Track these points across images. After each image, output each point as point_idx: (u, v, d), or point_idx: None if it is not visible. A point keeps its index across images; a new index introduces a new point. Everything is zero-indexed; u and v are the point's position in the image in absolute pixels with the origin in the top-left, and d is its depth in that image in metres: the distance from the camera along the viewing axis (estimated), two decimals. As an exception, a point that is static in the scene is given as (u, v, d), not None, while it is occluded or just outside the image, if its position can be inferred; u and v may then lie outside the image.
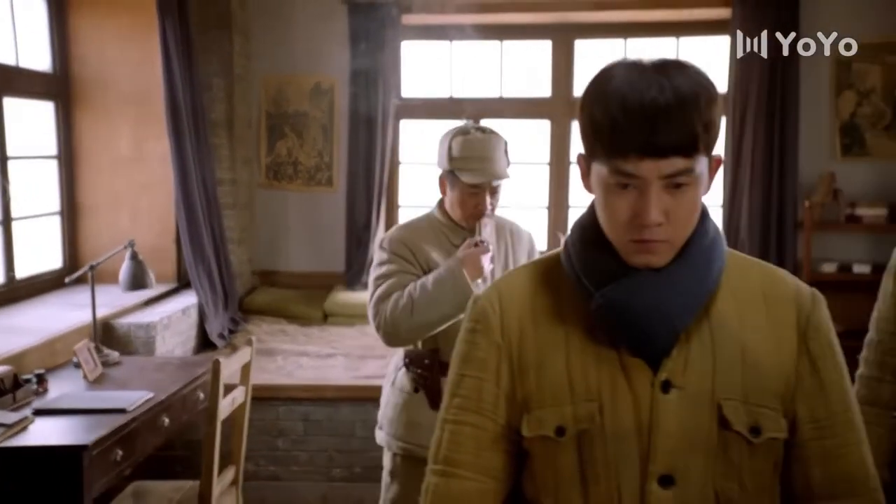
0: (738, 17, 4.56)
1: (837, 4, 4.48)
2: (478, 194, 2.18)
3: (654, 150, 0.96)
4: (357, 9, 4.74)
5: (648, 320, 1.01)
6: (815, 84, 4.58)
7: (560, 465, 1.06)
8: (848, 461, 1.07)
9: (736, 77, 4.63)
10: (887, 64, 4.42)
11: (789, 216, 4.64)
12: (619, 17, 4.94)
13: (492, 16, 4.96)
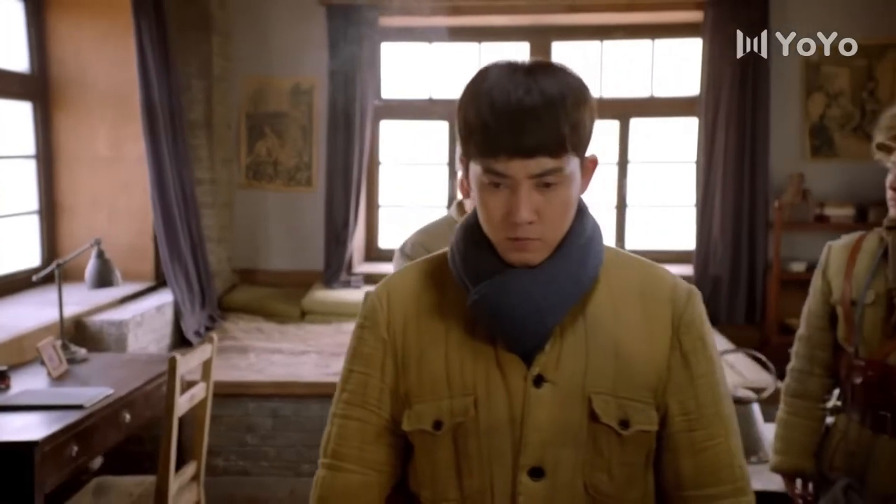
0: (709, 21, 4.56)
1: (806, 9, 4.47)
2: None
3: (521, 150, 0.96)
4: (335, 11, 4.74)
5: (521, 316, 1.01)
6: (785, 87, 4.58)
7: (437, 458, 1.07)
8: (715, 453, 1.08)
9: (708, 79, 4.63)
10: (854, 66, 4.41)
11: (760, 216, 4.63)
12: (596, 19, 4.93)
13: (470, 18, 4.96)
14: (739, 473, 1.08)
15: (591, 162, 1.06)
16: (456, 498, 1.06)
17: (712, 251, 4.73)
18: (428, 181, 5.24)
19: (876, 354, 1.86)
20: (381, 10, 4.77)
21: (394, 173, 5.30)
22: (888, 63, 4.38)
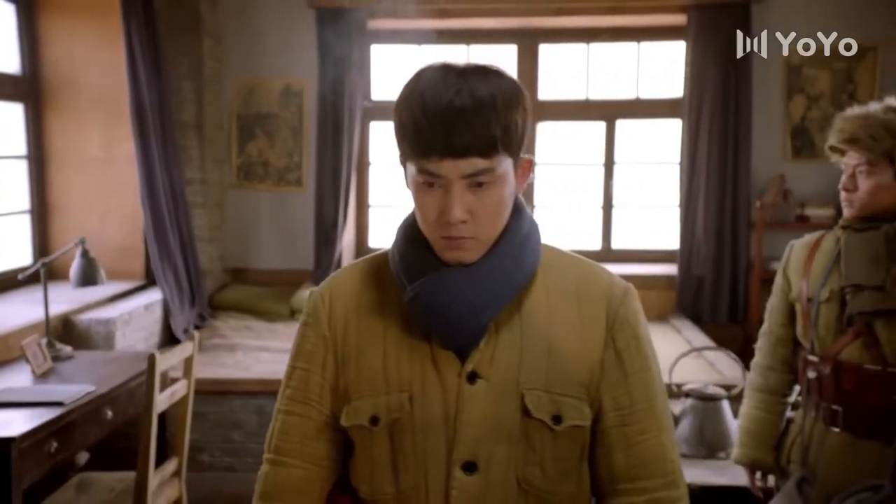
0: (693, 24, 4.57)
1: (788, 13, 4.48)
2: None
3: (452, 150, 0.97)
4: (325, 13, 4.74)
5: (454, 314, 1.02)
6: (767, 88, 4.59)
7: (374, 453, 1.08)
8: (647, 447, 1.09)
9: (691, 81, 4.64)
10: (835, 69, 4.42)
11: (743, 216, 4.65)
12: (582, 22, 4.94)
13: (458, 21, 4.97)
14: (671, 467, 1.10)
15: (526, 162, 1.08)
16: (392, 493, 1.07)
17: (696, 251, 4.74)
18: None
19: (829, 350, 1.88)
20: (370, 13, 4.78)
21: (383, 174, 5.31)
22: (867, 66, 4.39)
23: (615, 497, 1.10)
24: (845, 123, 1.91)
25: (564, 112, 5.14)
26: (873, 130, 1.85)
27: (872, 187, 1.86)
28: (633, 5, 4.67)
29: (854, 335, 1.85)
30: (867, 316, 1.83)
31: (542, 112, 5.10)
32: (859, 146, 1.85)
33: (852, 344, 1.86)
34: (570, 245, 5.09)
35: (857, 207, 1.88)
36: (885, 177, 1.86)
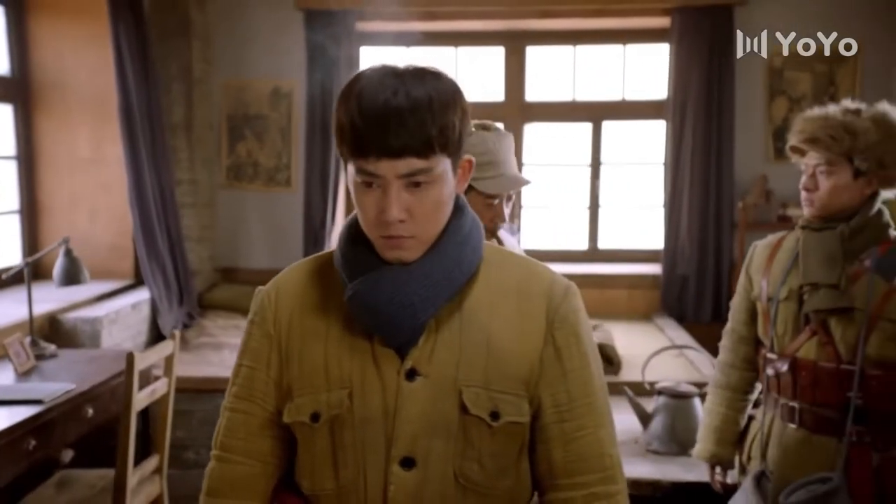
0: (676, 27, 4.57)
1: (769, 17, 4.48)
2: (496, 205, 1.86)
3: (389, 150, 0.97)
4: (313, 16, 4.74)
5: (392, 311, 1.02)
6: (749, 91, 4.60)
7: (315, 449, 1.08)
8: (585, 443, 1.09)
9: (675, 83, 4.64)
10: (816, 72, 4.43)
11: (726, 216, 4.65)
12: (568, 25, 4.95)
13: (446, 23, 4.97)
14: (609, 462, 1.10)
15: (466, 162, 1.08)
16: (332, 488, 1.07)
17: (680, 251, 4.74)
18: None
19: (787, 348, 1.90)
20: (359, 16, 4.78)
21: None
22: (847, 69, 4.39)
23: (554, 492, 1.10)
24: (805, 124, 1.92)
25: (551, 113, 5.15)
26: (833, 131, 1.86)
27: (832, 187, 1.87)
28: (617, 8, 4.68)
29: (810, 333, 1.87)
30: (822, 314, 1.84)
31: (529, 113, 5.11)
32: (819, 146, 1.86)
33: (808, 342, 1.87)
34: (557, 245, 5.14)
35: (817, 207, 1.89)
36: (843, 177, 1.86)
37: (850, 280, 1.84)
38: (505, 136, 1.87)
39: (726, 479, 2.08)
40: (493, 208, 1.86)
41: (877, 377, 1.81)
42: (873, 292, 1.81)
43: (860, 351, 1.81)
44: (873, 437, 1.82)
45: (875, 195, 1.88)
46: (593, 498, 1.08)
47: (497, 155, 1.82)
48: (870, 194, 1.87)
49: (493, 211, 1.86)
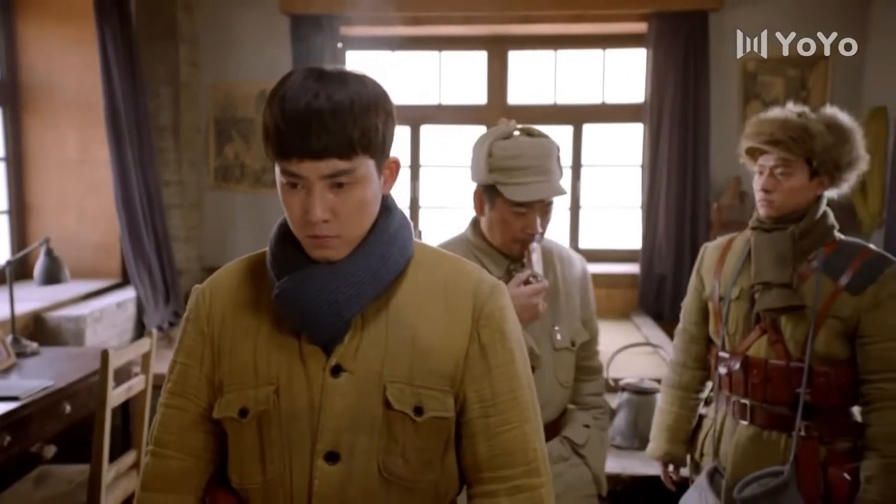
0: (653, 32, 4.58)
1: (742, 22, 4.49)
2: (526, 215, 1.66)
3: (311, 152, 0.98)
4: (298, 21, 4.75)
5: (317, 309, 1.03)
6: (724, 94, 4.61)
7: (244, 444, 1.09)
8: (510, 437, 1.10)
9: (652, 87, 4.65)
10: (788, 77, 4.45)
11: (702, 217, 4.67)
12: (549, 30, 4.96)
13: (430, 28, 4.98)
14: (533, 456, 1.11)
15: (392, 163, 1.09)
16: (260, 482, 1.08)
17: (657, 251, 4.75)
18: (390, 183, 5.26)
19: (738, 347, 1.91)
20: (343, 20, 4.79)
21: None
22: (819, 74, 4.41)
23: (479, 485, 1.11)
24: (764, 126, 1.92)
25: (533, 116, 5.14)
26: (794, 133, 1.87)
27: (790, 188, 1.88)
28: (596, 14, 4.69)
29: (760, 332, 1.88)
30: (774, 312, 1.85)
31: (511, 116, 5.06)
32: (781, 147, 1.86)
33: (758, 340, 1.88)
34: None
35: (775, 208, 1.90)
36: (801, 178, 1.88)
37: (799, 280, 1.85)
38: (545, 144, 1.68)
39: (679, 475, 2.10)
40: (522, 217, 1.66)
41: (824, 373, 1.82)
42: (821, 291, 1.82)
43: (809, 348, 1.82)
44: (820, 432, 1.84)
45: (821, 197, 1.90)
46: (516, 490, 1.09)
47: (529, 161, 1.64)
48: (817, 196, 1.89)
49: (523, 220, 1.67)
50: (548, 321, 1.75)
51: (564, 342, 1.78)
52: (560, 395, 1.78)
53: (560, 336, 1.77)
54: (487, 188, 1.70)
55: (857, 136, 1.88)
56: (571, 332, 1.80)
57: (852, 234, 4.42)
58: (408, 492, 1.08)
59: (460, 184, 5.24)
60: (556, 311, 1.78)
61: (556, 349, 1.76)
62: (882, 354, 1.80)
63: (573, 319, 1.81)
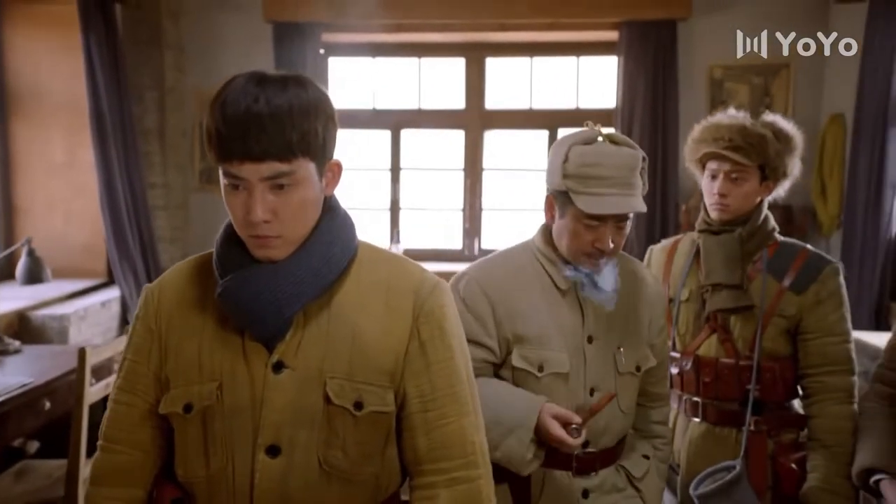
0: (624, 40, 4.61)
1: (709, 31, 4.54)
2: (598, 228, 1.50)
3: (251, 154, 1.00)
4: (281, 28, 4.74)
5: (258, 307, 1.04)
6: (692, 100, 4.64)
7: (188, 439, 1.10)
8: (448, 430, 1.11)
9: (623, 93, 4.68)
10: (753, 84, 4.48)
11: (671, 218, 4.70)
12: (525, 37, 4.97)
13: (410, 35, 4.99)
14: (471, 449, 1.12)
15: (335, 165, 1.10)
16: (203, 475, 1.09)
17: (628, 251, 4.76)
18: (371, 185, 5.27)
19: (689, 347, 1.93)
20: (325, 28, 4.79)
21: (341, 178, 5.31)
22: (781, 81, 4.45)
23: (419, 477, 1.13)
24: (723, 132, 1.94)
25: (510, 121, 5.18)
26: (752, 139, 1.89)
27: (745, 193, 1.90)
28: (569, 22, 4.71)
29: (710, 331, 1.90)
30: (726, 313, 1.88)
31: (488, 121, 5.14)
32: (741, 154, 1.89)
33: (709, 339, 1.90)
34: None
35: (731, 212, 1.92)
36: (753, 183, 1.91)
37: (747, 280, 1.88)
38: (629, 155, 1.50)
39: None
40: (593, 231, 1.50)
41: (770, 369, 1.85)
42: (767, 292, 1.85)
43: (758, 346, 1.85)
44: (768, 426, 1.87)
45: (763, 200, 1.93)
46: (454, 482, 1.10)
47: (608, 171, 1.47)
48: (761, 200, 1.92)
49: (595, 234, 1.50)
50: (613, 342, 1.59)
51: (629, 366, 1.61)
52: (621, 423, 1.62)
53: (625, 360, 1.59)
54: (560, 194, 1.54)
55: (799, 143, 1.92)
56: (637, 356, 1.63)
57: (814, 235, 4.53)
58: (348, 484, 1.09)
59: (440, 186, 5.27)
60: (623, 333, 1.61)
61: (620, 373, 1.60)
62: (822, 349, 1.83)
63: (640, 343, 1.64)
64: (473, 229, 5.21)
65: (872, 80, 3.68)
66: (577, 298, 1.58)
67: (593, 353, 1.57)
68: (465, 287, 1.57)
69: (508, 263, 1.62)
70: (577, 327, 1.57)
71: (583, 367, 1.56)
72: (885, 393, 1.77)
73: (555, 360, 1.54)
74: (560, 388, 1.54)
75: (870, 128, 3.71)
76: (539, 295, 1.57)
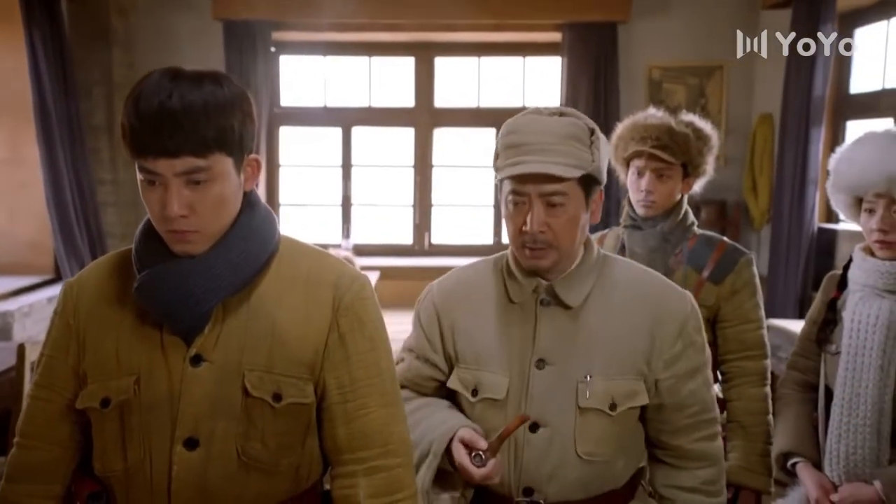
0: (567, 42, 4.66)
1: (648, 33, 4.61)
2: (523, 207, 1.25)
3: (165, 150, 0.98)
4: (231, 26, 4.66)
5: (175, 301, 1.03)
6: (632, 100, 4.69)
7: (106, 433, 1.08)
8: (367, 420, 1.11)
9: (566, 93, 4.73)
10: (689, 84, 4.57)
11: (613, 214, 4.75)
12: (472, 37, 4.99)
13: (360, 34, 4.96)
14: (391, 438, 1.12)
15: (253, 160, 1.09)
16: (121, 469, 1.07)
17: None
18: (323, 182, 5.24)
19: None
20: (276, 26, 4.74)
21: (294, 175, 5.27)
22: (715, 82, 4.54)
23: (339, 466, 1.12)
24: (651, 131, 1.96)
25: (458, 119, 5.19)
26: (678, 138, 1.92)
27: (669, 190, 1.94)
28: (514, 23, 4.74)
29: None
30: None
31: (437, 119, 5.15)
32: (668, 152, 1.92)
33: None
34: (466, 240, 5.19)
35: (656, 208, 1.95)
36: (677, 180, 1.94)
37: (669, 273, 1.91)
38: (554, 122, 1.29)
39: None
40: (520, 212, 1.26)
41: None
42: (687, 283, 1.89)
43: None
44: None
45: (684, 196, 1.97)
46: (373, 471, 1.10)
47: (525, 137, 1.26)
48: (682, 196, 1.96)
49: (521, 216, 1.26)
50: (578, 369, 1.26)
51: (597, 401, 1.26)
52: (578, 471, 1.26)
53: (590, 392, 1.26)
54: (500, 184, 1.31)
55: (716, 142, 1.96)
56: (615, 390, 1.26)
57: (745, 228, 4.63)
58: (268, 475, 1.08)
59: (391, 183, 5.25)
60: (599, 359, 1.27)
61: (581, 408, 1.26)
62: (739, 336, 1.88)
63: (624, 374, 1.28)
64: (424, 225, 5.21)
65: (796, 82, 3.78)
66: (533, 314, 1.28)
67: (542, 379, 1.26)
68: (422, 299, 1.40)
69: (468, 274, 1.38)
70: (527, 348, 1.27)
71: (524, 396, 1.26)
72: (799, 379, 1.82)
73: (490, 384, 1.27)
74: (495, 417, 1.26)
75: (794, 127, 3.81)
76: (492, 309, 1.31)
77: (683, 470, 1.34)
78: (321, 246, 1.20)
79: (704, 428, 1.34)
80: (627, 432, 1.30)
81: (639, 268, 1.40)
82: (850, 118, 4.04)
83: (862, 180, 1.59)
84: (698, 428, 1.33)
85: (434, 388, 1.38)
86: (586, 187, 1.26)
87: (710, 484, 1.33)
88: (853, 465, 1.58)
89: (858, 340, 1.59)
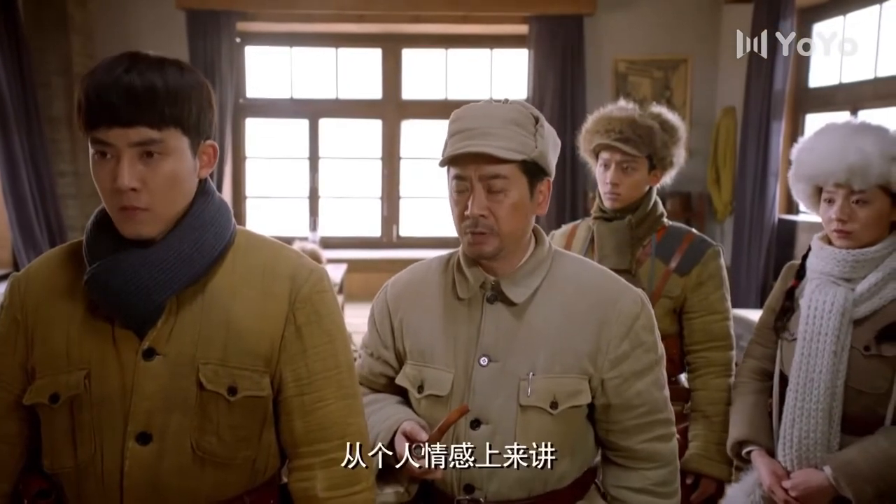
0: (533, 34, 4.65)
1: (614, 27, 4.63)
2: (465, 193, 1.22)
3: (119, 119, 0.95)
4: (195, 16, 4.57)
5: (127, 294, 1.00)
6: (598, 92, 4.72)
7: (55, 429, 1.05)
8: (325, 413, 1.09)
9: (533, 85, 4.73)
10: (654, 77, 4.61)
11: (579, 205, 4.79)
12: (439, 29, 4.96)
13: (326, 25, 4.90)
14: (349, 430, 1.10)
15: (210, 147, 1.06)
16: (71, 465, 1.04)
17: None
18: (290, 174, 5.17)
19: None
20: (240, 16, 4.65)
21: (259, 167, 5.19)
22: (680, 75, 4.59)
23: (297, 459, 1.10)
24: (614, 124, 1.95)
25: (425, 111, 5.16)
26: (641, 130, 1.92)
27: (635, 182, 1.93)
28: (481, 15, 4.72)
29: None
30: None
31: (405, 111, 5.11)
32: (631, 145, 1.91)
33: None
34: (433, 232, 5.17)
35: (622, 200, 1.95)
36: (643, 173, 1.94)
37: (637, 264, 1.92)
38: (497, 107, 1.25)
39: None
40: (463, 198, 1.22)
41: None
42: (654, 274, 1.90)
43: None
44: None
45: (652, 188, 1.97)
46: (331, 463, 1.08)
47: (467, 123, 1.24)
48: (650, 188, 1.96)
49: (464, 201, 1.22)
50: (520, 367, 1.23)
51: (537, 399, 1.22)
52: (516, 472, 1.22)
53: (531, 390, 1.22)
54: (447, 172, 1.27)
55: (683, 134, 1.96)
56: (557, 388, 1.23)
57: (709, 220, 4.69)
58: (223, 468, 1.06)
59: (358, 175, 5.21)
60: (542, 357, 1.24)
61: (523, 406, 1.23)
62: (705, 327, 1.89)
63: (567, 372, 1.24)
64: (392, 217, 5.18)
65: (758, 76, 3.84)
66: (479, 311, 1.26)
67: (485, 376, 1.23)
68: (378, 295, 1.37)
69: (421, 271, 1.36)
70: (472, 345, 1.25)
71: (467, 392, 1.24)
72: (755, 367, 1.84)
73: (435, 380, 1.25)
74: (439, 413, 1.23)
75: (756, 121, 3.87)
76: (440, 306, 1.29)
77: (633, 471, 1.30)
78: (288, 239, 1.17)
79: (655, 429, 1.30)
80: (572, 432, 1.27)
81: (591, 265, 1.35)
82: (808, 111, 4.12)
83: (822, 170, 1.61)
84: (648, 429, 1.29)
85: (386, 385, 1.36)
86: (529, 174, 1.21)
87: (660, 485, 1.30)
88: (805, 449, 1.60)
89: (814, 326, 1.61)
